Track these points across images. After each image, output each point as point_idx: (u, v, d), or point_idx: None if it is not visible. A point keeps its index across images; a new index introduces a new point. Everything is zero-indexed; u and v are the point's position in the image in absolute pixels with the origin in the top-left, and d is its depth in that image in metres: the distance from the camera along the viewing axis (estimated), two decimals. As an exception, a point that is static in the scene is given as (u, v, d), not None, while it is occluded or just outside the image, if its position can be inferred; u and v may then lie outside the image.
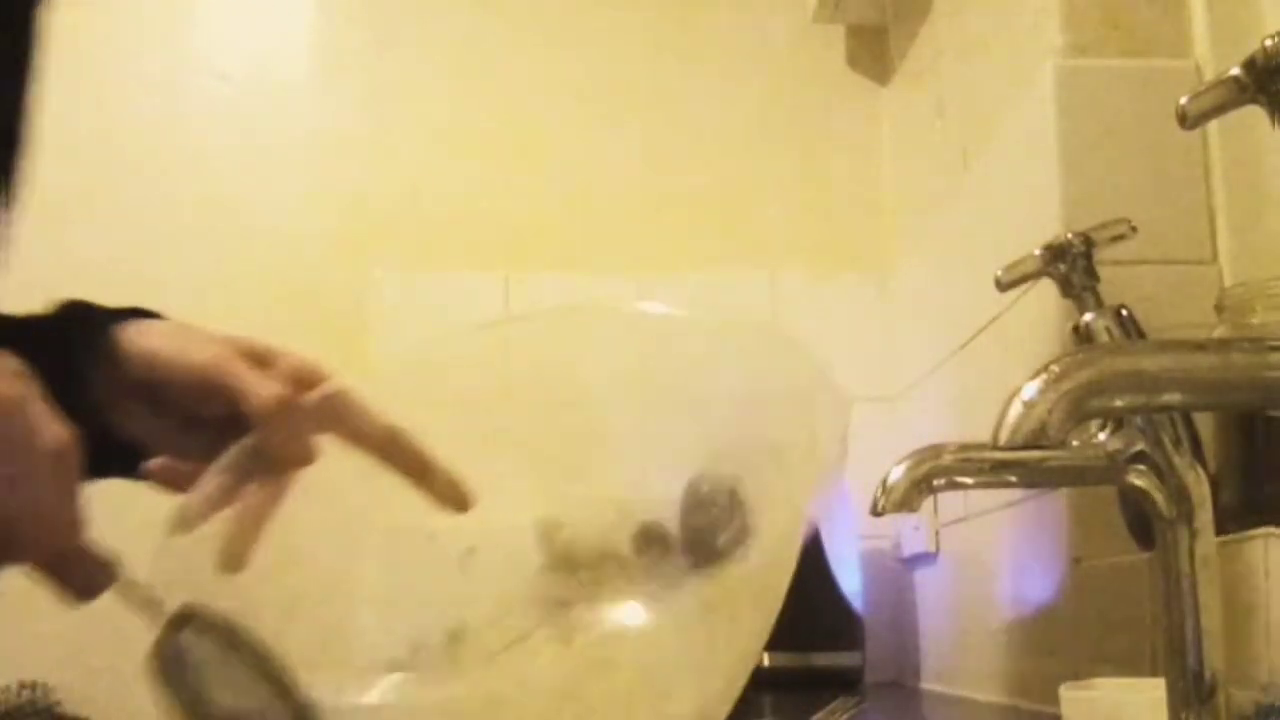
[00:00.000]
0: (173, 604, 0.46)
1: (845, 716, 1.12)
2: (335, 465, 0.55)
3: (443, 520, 0.57)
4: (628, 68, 1.88)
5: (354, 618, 0.60)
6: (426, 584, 0.62)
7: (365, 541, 0.61)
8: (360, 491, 0.58)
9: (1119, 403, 0.42)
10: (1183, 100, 0.53)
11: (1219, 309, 0.84)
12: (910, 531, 1.61)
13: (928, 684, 1.58)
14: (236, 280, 1.75)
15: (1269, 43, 0.49)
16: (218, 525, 0.53)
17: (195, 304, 0.77)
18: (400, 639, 0.59)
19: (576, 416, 0.63)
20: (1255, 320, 0.81)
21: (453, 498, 0.57)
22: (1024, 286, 0.74)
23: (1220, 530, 0.70)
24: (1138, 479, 0.56)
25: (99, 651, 1.48)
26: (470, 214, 1.82)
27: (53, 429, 0.43)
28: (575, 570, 0.61)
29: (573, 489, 0.62)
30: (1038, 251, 0.70)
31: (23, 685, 1.59)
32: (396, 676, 0.58)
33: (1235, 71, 0.51)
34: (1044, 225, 1.04)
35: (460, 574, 0.61)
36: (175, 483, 0.55)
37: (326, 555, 0.60)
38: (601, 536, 0.60)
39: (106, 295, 0.61)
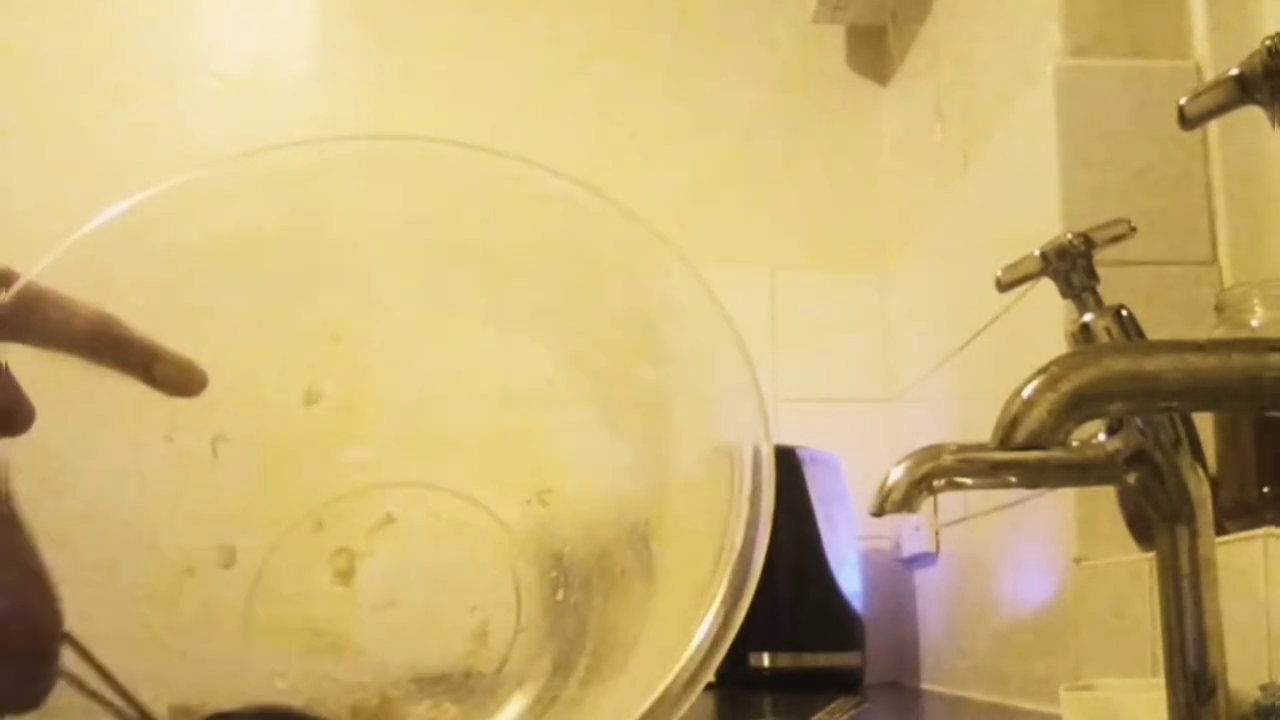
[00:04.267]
0: None
1: (845, 717, 1.12)
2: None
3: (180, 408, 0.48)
4: (628, 68, 1.88)
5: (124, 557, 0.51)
6: (176, 492, 0.54)
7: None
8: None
9: (1119, 403, 0.42)
10: (1183, 100, 0.53)
11: (1219, 309, 0.84)
12: (910, 532, 1.61)
13: (928, 684, 1.58)
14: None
15: (1269, 43, 0.49)
16: None
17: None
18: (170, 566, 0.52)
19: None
20: (1255, 320, 0.81)
21: (185, 379, 0.48)
22: (1024, 287, 0.74)
23: (1220, 530, 0.70)
24: (1138, 479, 0.56)
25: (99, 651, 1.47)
26: (469, 215, 1.81)
27: None
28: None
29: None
30: (1037, 251, 0.70)
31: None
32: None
33: (1235, 71, 0.51)
34: (1044, 225, 1.04)
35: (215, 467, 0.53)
36: None
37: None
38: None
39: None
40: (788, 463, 1.56)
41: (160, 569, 0.53)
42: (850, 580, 1.57)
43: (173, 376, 0.47)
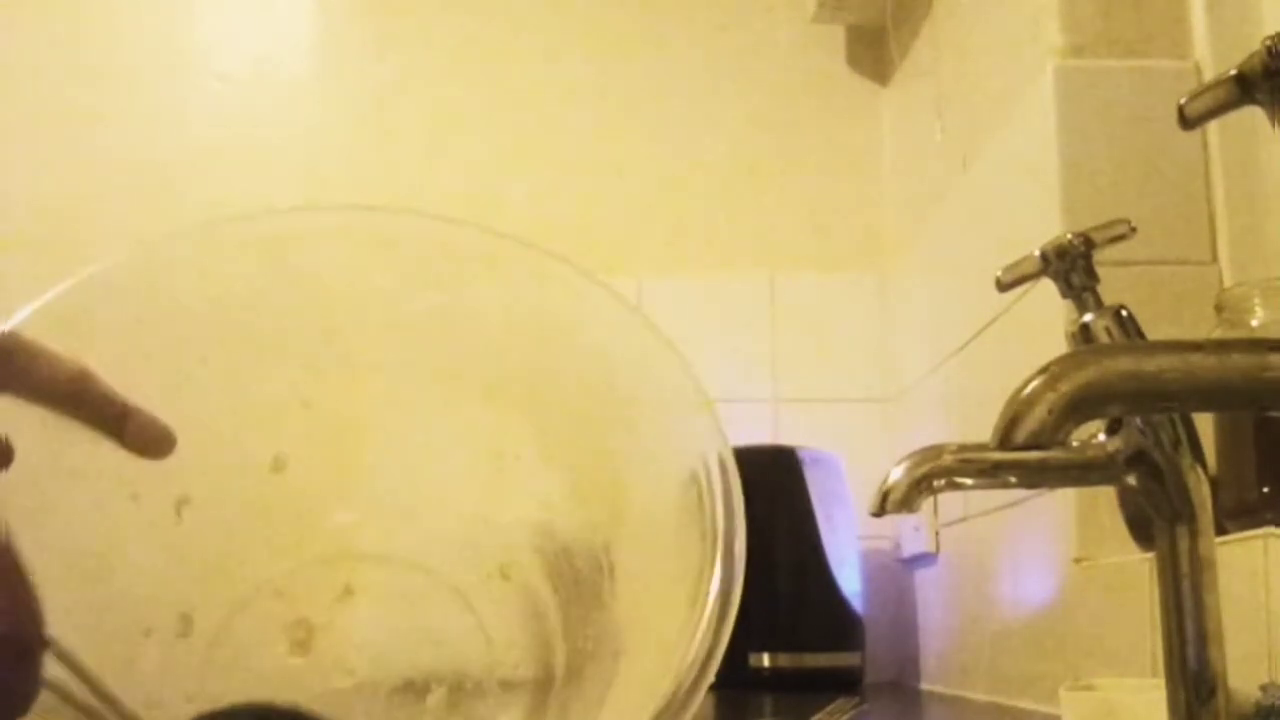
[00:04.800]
0: None
1: (845, 717, 1.12)
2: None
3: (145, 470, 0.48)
4: (628, 68, 1.88)
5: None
6: (138, 552, 0.53)
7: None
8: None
9: (1119, 403, 0.42)
10: (1183, 100, 0.53)
11: (1219, 309, 0.84)
12: (910, 532, 1.61)
13: (928, 684, 1.58)
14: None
15: (1269, 43, 0.49)
16: None
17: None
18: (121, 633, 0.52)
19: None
20: (1255, 320, 0.81)
21: (155, 441, 0.47)
22: (1024, 287, 0.74)
23: (1220, 530, 0.70)
24: (1138, 479, 0.56)
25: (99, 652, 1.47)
26: (469, 214, 1.81)
27: None
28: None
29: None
30: (1037, 251, 0.70)
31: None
32: None
33: (1235, 71, 0.51)
34: (1044, 225, 1.04)
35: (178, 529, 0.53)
36: None
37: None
38: None
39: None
40: (788, 463, 1.56)
41: (119, 627, 0.52)
42: (850, 580, 1.57)
43: (143, 437, 0.47)
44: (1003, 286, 0.75)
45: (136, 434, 0.47)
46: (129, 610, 0.53)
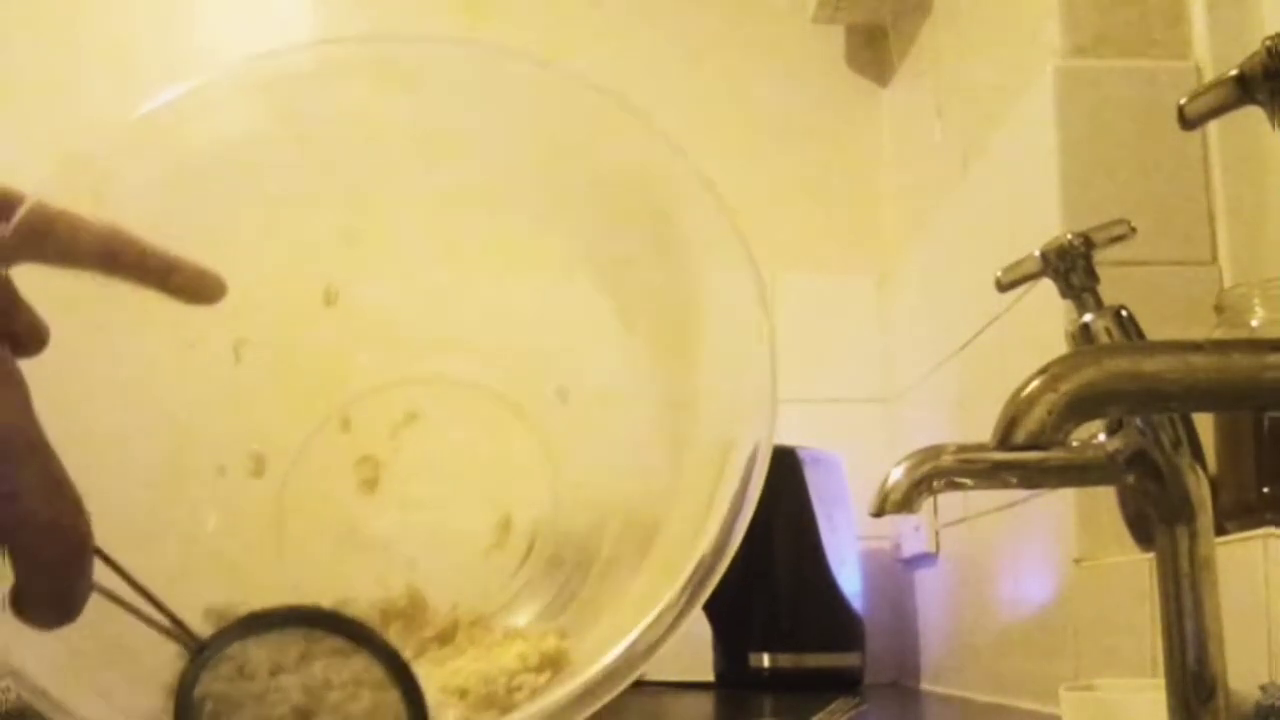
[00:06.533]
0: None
1: (845, 717, 1.12)
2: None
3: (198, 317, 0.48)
4: (627, 68, 1.88)
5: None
6: (201, 396, 0.53)
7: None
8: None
9: (1119, 403, 0.42)
10: (1183, 100, 0.53)
11: (1219, 309, 0.84)
12: (910, 532, 1.61)
13: (928, 685, 1.58)
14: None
15: (1269, 43, 0.49)
16: None
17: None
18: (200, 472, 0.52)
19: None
20: (1255, 320, 0.81)
21: (204, 287, 0.47)
22: (1024, 287, 0.74)
23: (1220, 530, 0.70)
24: (1138, 479, 0.56)
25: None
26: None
27: None
28: None
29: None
30: (1037, 251, 0.70)
31: (23, 685, 1.58)
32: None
33: (1235, 72, 0.51)
34: (1044, 225, 1.04)
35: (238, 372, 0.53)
36: None
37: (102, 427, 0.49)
38: None
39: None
40: (788, 463, 1.56)
41: (190, 472, 0.53)
42: (850, 580, 1.57)
43: (191, 285, 0.47)
44: (1002, 287, 0.75)
45: (184, 283, 0.47)
46: (199, 453, 0.54)
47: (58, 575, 0.37)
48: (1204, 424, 0.66)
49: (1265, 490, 0.80)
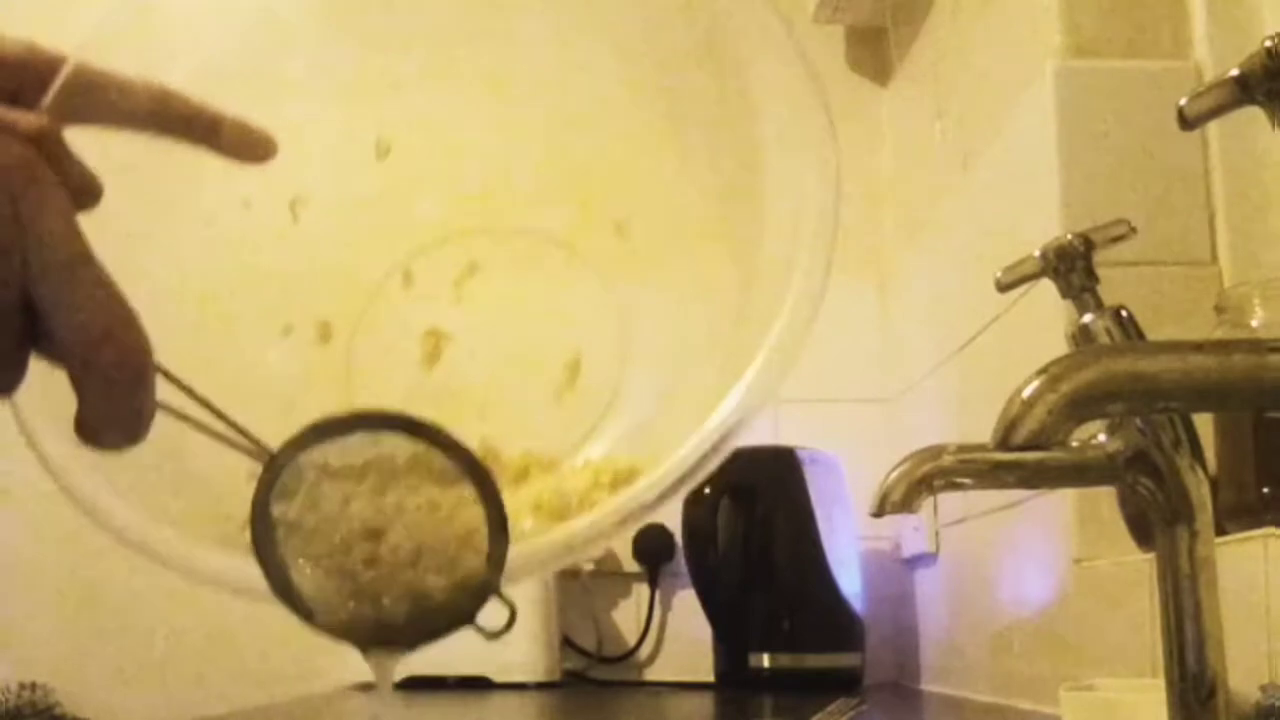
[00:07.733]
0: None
1: (845, 717, 1.12)
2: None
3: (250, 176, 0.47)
4: (626, 67, 1.88)
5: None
6: (261, 257, 0.53)
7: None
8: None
9: (1119, 403, 0.42)
10: (1183, 101, 0.53)
11: (1219, 309, 0.84)
12: (910, 532, 1.61)
13: (928, 685, 1.58)
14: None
15: (1269, 43, 0.49)
16: None
17: (196, 306, 0.77)
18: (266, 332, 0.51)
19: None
20: (1255, 320, 0.81)
21: (254, 144, 0.47)
22: (1024, 287, 0.74)
23: (1220, 530, 0.70)
24: (1138, 479, 0.56)
25: (99, 651, 1.47)
26: (471, 205, 1.81)
27: None
28: None
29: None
30: (1037, 252, 0.70)
31: (22, 685, 1.59)
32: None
33: (1235, 72, 0.51)
34: (1044, 225, 1.04)
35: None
36: None
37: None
38: None
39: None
40: (788, 463, 1.56)
41: (256, 330, 0.53)
42: (850, 580, 1.57)
43: (241, 142, 0.47)
44: (1002, 287, 0.75)
45: (233, 140, 0.47)
46: (263, 316, 0.53)
47: (120, 392, 0.35)
48: (1204, 424, 0.66)
49: (1265, 490, 0.80)
